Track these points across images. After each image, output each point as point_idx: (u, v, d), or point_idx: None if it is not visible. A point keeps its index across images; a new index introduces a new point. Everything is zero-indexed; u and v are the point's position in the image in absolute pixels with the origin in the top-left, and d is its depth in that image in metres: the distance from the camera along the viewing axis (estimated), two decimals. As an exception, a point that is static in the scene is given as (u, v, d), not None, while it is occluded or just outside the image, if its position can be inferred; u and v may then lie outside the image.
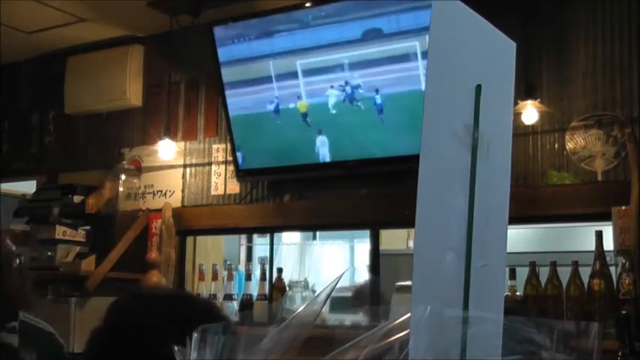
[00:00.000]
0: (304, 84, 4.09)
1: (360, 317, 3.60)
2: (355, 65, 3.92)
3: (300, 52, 4.06)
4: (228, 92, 4.15)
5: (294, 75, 4.10)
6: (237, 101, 4.17)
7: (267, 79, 4.14)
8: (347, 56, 3.95)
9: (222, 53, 4.13)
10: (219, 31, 4.12)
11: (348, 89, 3.94)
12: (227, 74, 4.15)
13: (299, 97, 4.07)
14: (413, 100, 3.77)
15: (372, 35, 3.87)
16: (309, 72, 4.06)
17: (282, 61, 4.13)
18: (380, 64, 3.90)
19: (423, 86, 3.66)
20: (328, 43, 4.02)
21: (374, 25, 3.88)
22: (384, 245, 4.34)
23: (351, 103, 3.94)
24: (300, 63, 4.07)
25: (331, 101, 3.99)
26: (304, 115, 4.07)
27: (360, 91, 3.91)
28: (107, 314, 1.23)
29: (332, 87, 3.98)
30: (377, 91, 3.87)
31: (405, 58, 3.77)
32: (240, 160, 4.15)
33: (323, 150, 3.95)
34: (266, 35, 4.12)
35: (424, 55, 3.71)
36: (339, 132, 3.97)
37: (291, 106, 4.12)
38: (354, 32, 3.92)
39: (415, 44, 3.75)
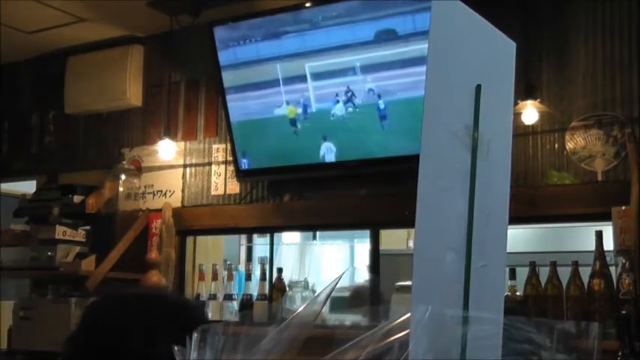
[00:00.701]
0: (313, 88, 3.92)
1: (360, 317, 3.60)
2: (367, 68, 3.75)
3: (309, 55, 3.90)
4: (229, 97, 4.08)
5: (302, 78, 3.94)
6: (240, 106, 4.08)
7: (274, 83, 4.01)
8: (359, 59, 3.77)
9: (224, 57, 4.07)
10: (220, 34, 4.06)
11: (349, 95, 3.79)
12: (228, 78, 4.08)
13: (287, 103, 3.97)
14: None
15: (386, 37, 3.69)
16: (318, 75, 3.90)
17: (290, 64, 3.97)
18: (394, 67, 3.70)
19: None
20: (339, 45, 3.84)
21: (387, 25, 3.69)
22: (384, 245, 4.34)
23: (356, 109, 3.78)
24: (309, 66, 3.92)
25: (337, 107, 3.84)
26: (292, 121, 3.97)
27: (366, 96, 3.73)
28: (82, 316, 1.23)
29: (337, 95, 3.83)
30: (379, 96, 3.72)
31: (421, 61, 3.54)
32: (246, 166, 4.12)
33: (329, 156, 3.89)
34: (273, 37, 3.98)
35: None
36: (345, 138, 3.86)
37: (299, 111, 3.98)
38: (367, 33, 3.74)
39: None
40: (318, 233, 5.65)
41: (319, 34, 3.87)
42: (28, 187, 5.13)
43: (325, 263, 5.84)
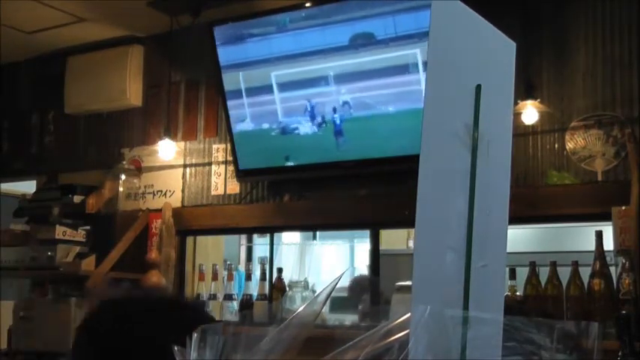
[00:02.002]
0: (280, 100, 3.51)
1: (360, 310, 3.61)
2: (342, 78, 3.34)
3: (275, 62, 3.51)
4: (230, 103, 4.00)
5: (268, 89, 3.55)
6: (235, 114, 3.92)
7: (236, 94, 3.73)
8: (331, 67, 3.35)
9: (223, 57, 4.00)
10: (219, 34, 4.04)
11: (318, 111, 3.39)
12: (228, 79, 3.99)
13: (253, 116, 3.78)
14: (412, 121, 3.06)
15: (363, 41, 3.27)
16: (285, 86, 3.50)
17: (253, 72, 3.58)
18: (372, 76, 3.26)
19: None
20: (309, 50, 3.41)
21: (364, 29, 3.27)
22: (384, 245, 4.34)
23: (325, 126, 3.41)
24: (275, 75, 3.54)
25: (303, 128, 3.50)
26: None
27: (340, 109, 3.29)
28: (87, 316, 1.21)
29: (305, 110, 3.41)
30: (335, 110, 3.31)
31: (402, 69, 3.18)
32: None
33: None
34: (237, 41, 3.60)
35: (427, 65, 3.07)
36: (309, 159, 3.56)
37: (265, 126, 3.65)
38: (341, 37, 3.33)
39: (415, 52, 3.09)
40: (318, 233, 5.65)
41: (286, 38, 3.48)
42: (28, 187, 5.13)
43: (325, 263, 5.84)
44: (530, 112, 3.42)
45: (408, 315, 0.75)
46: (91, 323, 1.21)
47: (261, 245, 5.83)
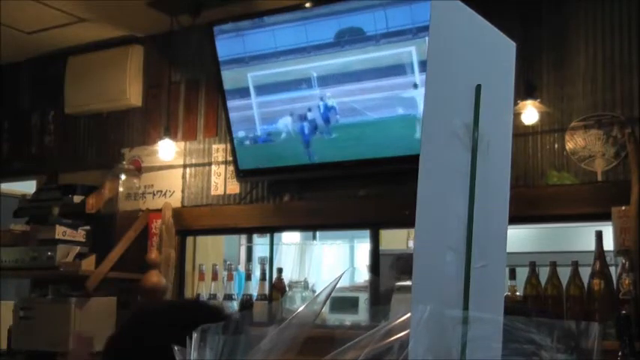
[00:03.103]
0: (257, 105, 3.21)
1: (360, 317, 3.60)
2: (326, 79, 2.99)
3: (250, 62, 3.20)
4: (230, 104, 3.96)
5: (244, 92, 3.24)
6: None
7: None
8: (315, 67, 3.01)
9: (223, 57, 4.01)
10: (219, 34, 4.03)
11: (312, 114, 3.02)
12: (228, 79, 3.93)
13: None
14: (405, 129, 2.78)
15: (350, 38, 2.91)
16: (263, 88, 3.19)
17: (229, 73, 3.28)
18: (360, 77, 2.90)
19: (421, 110, 2.65)
20: (289, 48, 3.08)
21: (352, 23, 2.89)
22: (384, 245, 4.33)
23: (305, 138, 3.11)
24: (251, 76, 3.26)
25: (283, 132, 3.20)
26: None
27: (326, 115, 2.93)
28: (127, 322, 1.22)
29: (291, 115, 3.05)
30: (301, 117, 2.93)
31: (396, 69, 2.81)
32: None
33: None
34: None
35: (423, 65, 2.65)
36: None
37: (241, 134, 3.43)
38: (326, 34, 2.97)
39: (410, 50, 2.72)
40: (318, 233, 5.64)
41: (263, 34, 3.16)
42: (28, 187, 5.13)
43: (325, 263, 5.84)
44: (530, 112, 3.42)
45: (408, 315, 0.75)
46: (122, 336, 1.21)
47: (261, 245, 5.82)
